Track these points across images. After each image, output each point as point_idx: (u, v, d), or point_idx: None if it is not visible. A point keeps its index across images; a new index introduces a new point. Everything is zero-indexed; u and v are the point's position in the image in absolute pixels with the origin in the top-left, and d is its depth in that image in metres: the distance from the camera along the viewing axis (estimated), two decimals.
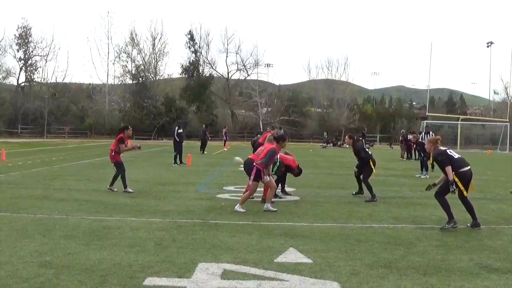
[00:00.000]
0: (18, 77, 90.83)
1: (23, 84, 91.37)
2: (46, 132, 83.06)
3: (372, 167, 15.77)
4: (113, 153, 16.30)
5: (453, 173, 10.78)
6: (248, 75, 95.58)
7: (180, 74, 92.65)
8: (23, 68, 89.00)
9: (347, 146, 17.25)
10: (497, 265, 7.87)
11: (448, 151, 11.22)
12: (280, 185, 15.51)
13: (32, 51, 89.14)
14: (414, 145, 37.00)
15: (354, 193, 16.17)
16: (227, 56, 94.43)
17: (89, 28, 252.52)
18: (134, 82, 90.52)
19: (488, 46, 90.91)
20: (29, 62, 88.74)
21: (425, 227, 10.90)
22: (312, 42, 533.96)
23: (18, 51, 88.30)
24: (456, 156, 11.14)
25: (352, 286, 6.70)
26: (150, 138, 79.66)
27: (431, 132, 29.79)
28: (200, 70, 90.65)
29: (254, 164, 12.63)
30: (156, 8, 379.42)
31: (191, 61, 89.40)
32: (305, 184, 18.19)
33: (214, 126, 75.35)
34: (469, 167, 11.06)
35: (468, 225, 10.98)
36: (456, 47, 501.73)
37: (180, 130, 28.13)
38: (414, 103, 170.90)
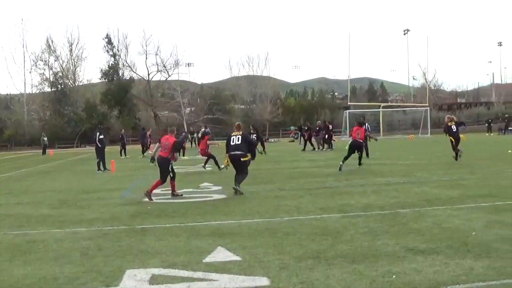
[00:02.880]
0: None
1: None
2: None
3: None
4: (205, 151, 25.35)
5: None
6: (169, 76, 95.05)
7: (100, 79, 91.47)
8: None
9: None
10: (423, 247, 8.02)
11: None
12: None
13: None
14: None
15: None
16: (146, 58, 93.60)
17: (2, 37, 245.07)
18: (53, 89, 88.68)
19: (405, 34, 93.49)
20: None
21: (352, 215, 11.03)
22: (232, 39, 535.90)
23: None
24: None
25: (281, 280, 6.69)
26: (73, 146, 78.20)
27: (366, 124, 30.59)
28: (120, 74, 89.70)
29: None
30: (72, 13, 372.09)
31: (110, 65, 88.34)
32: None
33: (137, 129, 74.39)
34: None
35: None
36: (374, 36, 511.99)
37: (102, 136, 27.57)
38: (336, 93, 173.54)
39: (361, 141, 21.92)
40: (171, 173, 15.47)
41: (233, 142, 15.63)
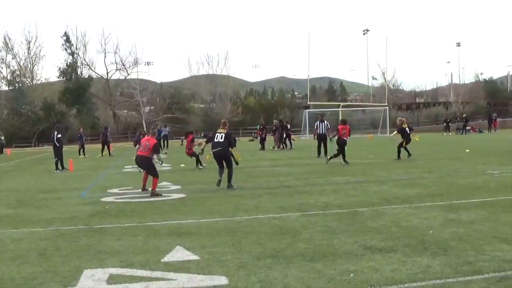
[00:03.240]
0: None
1: None
2: None
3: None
4: (188, 150, 25.00)
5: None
6: (128, 74, 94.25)
7: (58, 77, 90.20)
8: None
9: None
10: (381, 245, 8.10)
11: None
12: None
13: None
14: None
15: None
16: (105, 56, 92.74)
17: None
18: (10, 88, 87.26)
19: (364, 34, 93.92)
20: None
21: (311, 214, 11.09)
22: (192, 38, 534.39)
23: None
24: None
25: (240, 279, 6.70)
26: (31, 145, 77.09)
27: (326, 122, 30.56)
28: (79, 72, 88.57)
29: None
30: (30, 10, 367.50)
31: (68, 63, 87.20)
32: (192, 181, 18.15)
33: (96, 128, 73.68)
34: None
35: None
36: (333, 36, 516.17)
37: (59, 135, 27.17)
38: (296, 93, 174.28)
39: (345, 139, 23.84)
40: (141, 170, 16.68)
41: (216, 139, 16.32)
